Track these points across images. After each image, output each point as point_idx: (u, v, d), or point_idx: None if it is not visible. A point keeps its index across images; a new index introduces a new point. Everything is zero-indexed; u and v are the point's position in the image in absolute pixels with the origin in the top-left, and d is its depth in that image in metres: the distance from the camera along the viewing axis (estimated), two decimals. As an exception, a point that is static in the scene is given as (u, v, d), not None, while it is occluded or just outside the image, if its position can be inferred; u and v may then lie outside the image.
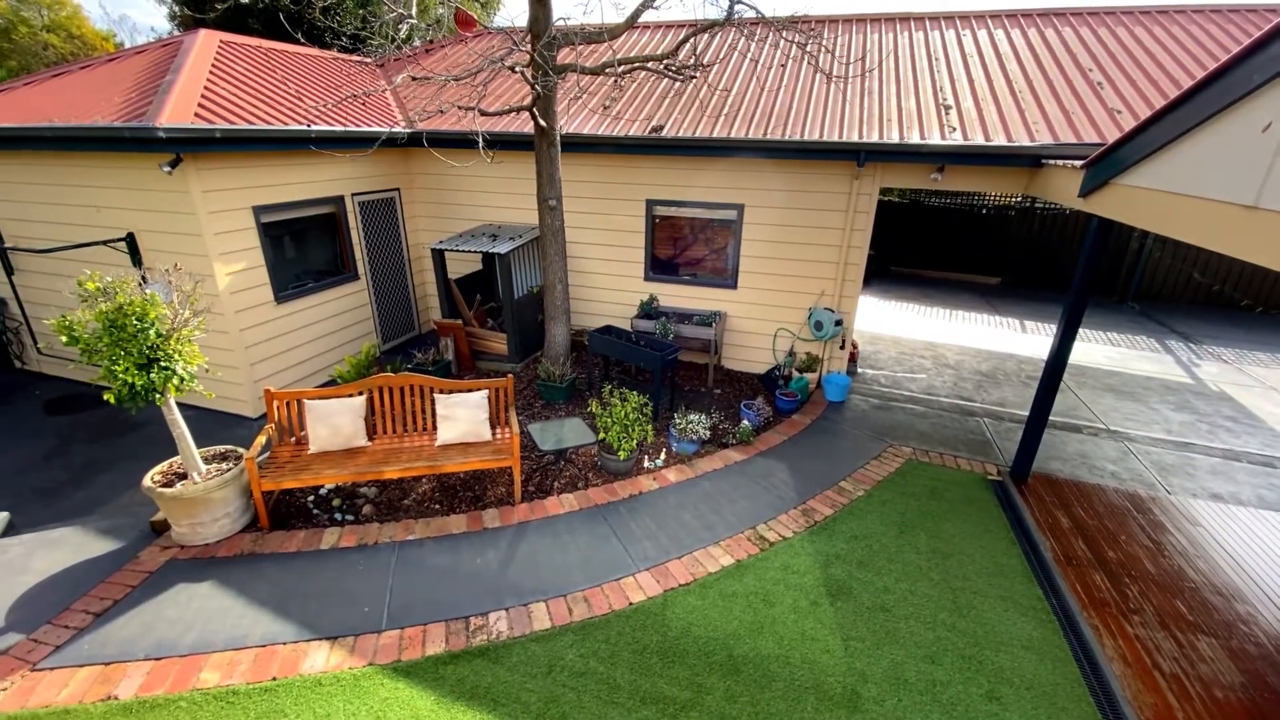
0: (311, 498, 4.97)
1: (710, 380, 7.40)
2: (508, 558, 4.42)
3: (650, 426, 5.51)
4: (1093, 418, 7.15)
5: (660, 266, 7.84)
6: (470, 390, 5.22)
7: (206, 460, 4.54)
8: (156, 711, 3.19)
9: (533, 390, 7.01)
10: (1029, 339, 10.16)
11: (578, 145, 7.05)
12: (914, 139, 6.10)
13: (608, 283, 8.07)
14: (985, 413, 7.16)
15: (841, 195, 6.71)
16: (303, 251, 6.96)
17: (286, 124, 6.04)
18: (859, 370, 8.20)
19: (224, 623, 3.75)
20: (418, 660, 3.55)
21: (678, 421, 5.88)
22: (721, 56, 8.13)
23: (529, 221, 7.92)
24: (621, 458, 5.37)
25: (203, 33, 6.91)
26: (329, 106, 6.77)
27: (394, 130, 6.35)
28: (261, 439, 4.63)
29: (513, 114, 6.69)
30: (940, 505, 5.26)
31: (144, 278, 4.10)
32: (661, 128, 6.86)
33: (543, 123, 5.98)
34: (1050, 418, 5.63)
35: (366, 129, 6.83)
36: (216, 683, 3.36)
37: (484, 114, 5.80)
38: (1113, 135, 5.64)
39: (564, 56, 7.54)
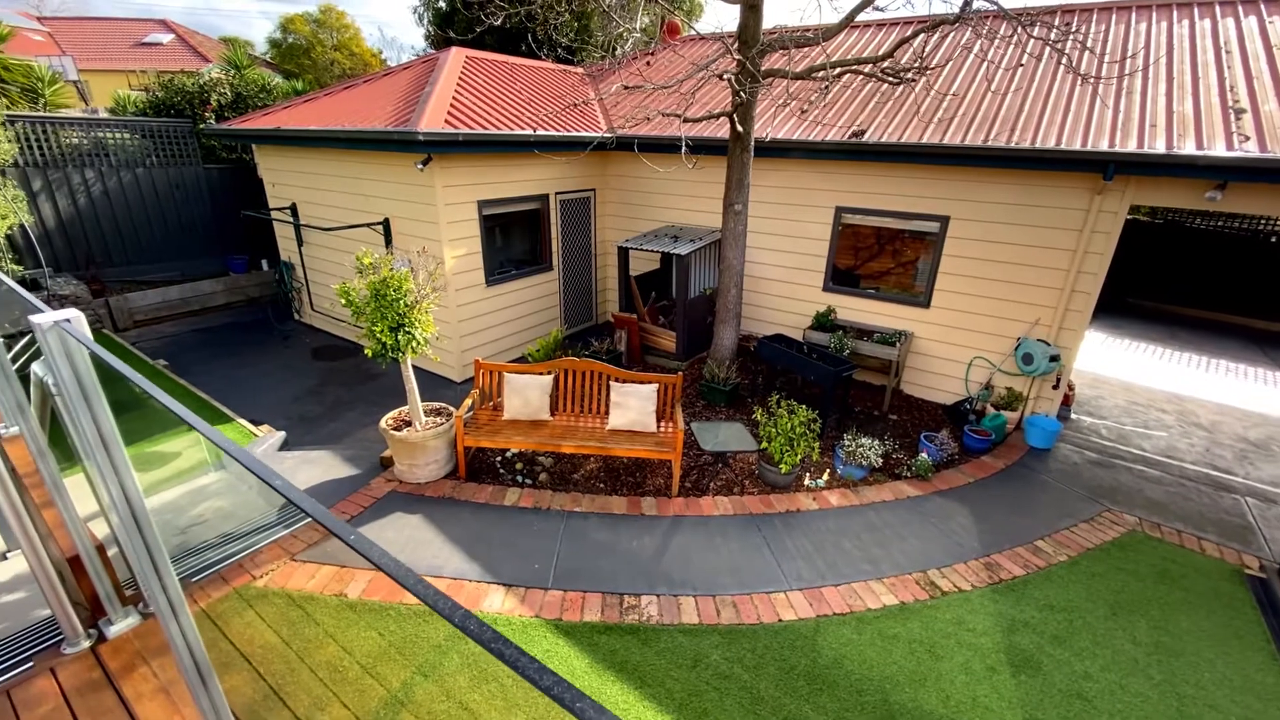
0: (499, 459, 5.61)
1: (886, 404, 6.88)
2: (661, 546, 4.58)
3: (816, 444, 5.31)
4: None
5: (841, 277, 7.47)
6: (643, 382, 5.49)
7: (425, 414, 5.35)
8: (373, 614, 3.86)
9: (695, 390, 7.13)
10: (1328, 406, 7.88)
11: (769, 150, 6.97)
12: (1188, 149, 5.06)
13: (783, 290, 7.90)
14: (1248, 490, 5.73)
15: (1077, 212, 5.80)
16: (509, 242, 7.85)
17: (514, 129, 6.84)
18: (1073, 415, 7.04)
19: (427, 551, 4.41)
20: (576, 623, 3.84)
21: (847, 443, 5.58)
22: (942, 56, 7.46)
23: (708, 224, 8.04)
24: (783, 471, 5.25)
25: (453, 50, 8.08)
26: (548, 113, 7.51)
27: (602, 135, 6.87)
28: (468, 401, 5.34)
29: (708, 119, 6.83)
30: (1172, 592, 4.34)
31: (393, 257, 4.95)
32: (863, 133, 6.52)
33: (740, 128, 6.01)
34: (1357, 512, 4.35)
35: (578, 134, 7.47)
36: (416, 601, 3.96)
37: (687, 120, 6.00)
38: None
39: (771, 61, 7.50)
